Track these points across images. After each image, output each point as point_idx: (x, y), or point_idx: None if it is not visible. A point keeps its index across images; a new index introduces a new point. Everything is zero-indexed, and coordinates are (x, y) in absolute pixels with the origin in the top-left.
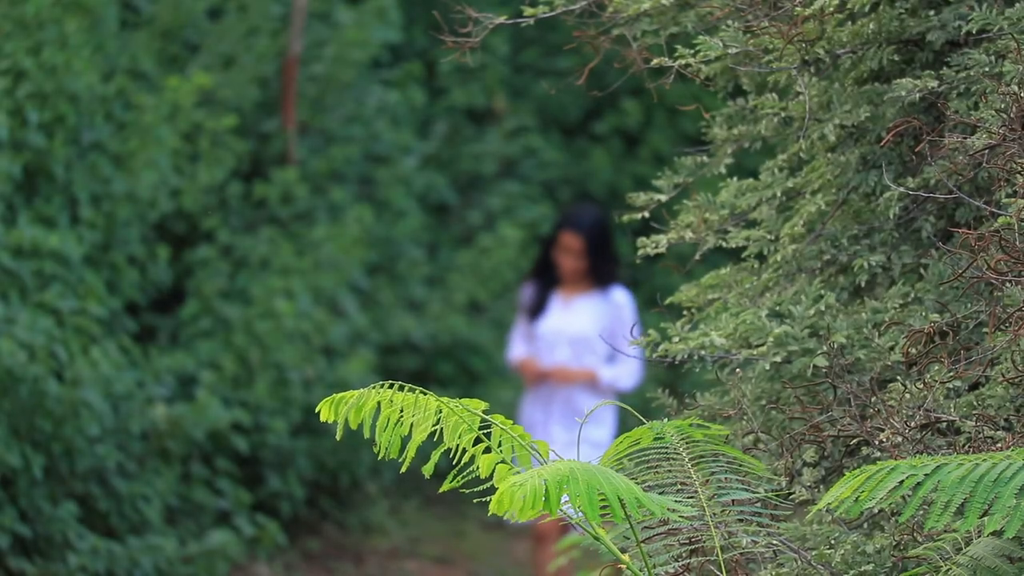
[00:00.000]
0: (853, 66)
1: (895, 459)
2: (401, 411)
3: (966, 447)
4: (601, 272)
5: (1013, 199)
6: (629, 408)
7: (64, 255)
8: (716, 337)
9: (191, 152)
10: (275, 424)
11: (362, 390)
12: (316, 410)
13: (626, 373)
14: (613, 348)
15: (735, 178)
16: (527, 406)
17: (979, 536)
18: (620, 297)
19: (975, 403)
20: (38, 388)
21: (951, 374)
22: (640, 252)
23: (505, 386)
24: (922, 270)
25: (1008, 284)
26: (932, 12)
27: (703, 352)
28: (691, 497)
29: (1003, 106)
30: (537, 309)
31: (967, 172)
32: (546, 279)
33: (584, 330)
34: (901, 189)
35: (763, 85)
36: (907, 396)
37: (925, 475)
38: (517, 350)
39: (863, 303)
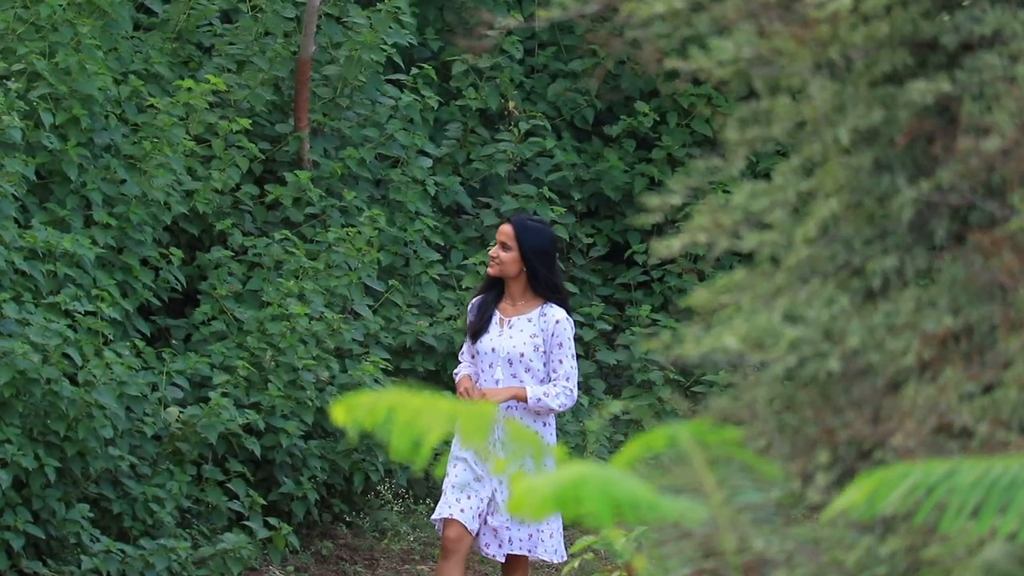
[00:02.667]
0: (866, 69)
1: (908, 462)
2: (414, 414)
3: (979, 450)
4: (540, 284)
5: None
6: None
7: (77, 257)
8: (730, 340)
9: (205, 154)
10: (288, 426)
11: (376, 392)
12: (330, 412)
13: (558, 392)
14: (548, 368)
15: (749, 181)
16: None
17: (993, 539)
18: (556, 316)
19: (988, 406)
20: (52, 390)
21: (964, 377)
22: (654, 255)
23: None
24: (935, 273)
25: (1021, 287)
26: (946, 15)
27: (717, 355)
28: (704, 500)
29: (1017, 109)
30: (479, 326)
31: (980, 175)
32: (492, 296)
33: (519, 349)
34: (914, 192)
35: (776, 88)
36: (920, 399)
37: (939, 478)
38: (462, 368)
39: (876, 306)
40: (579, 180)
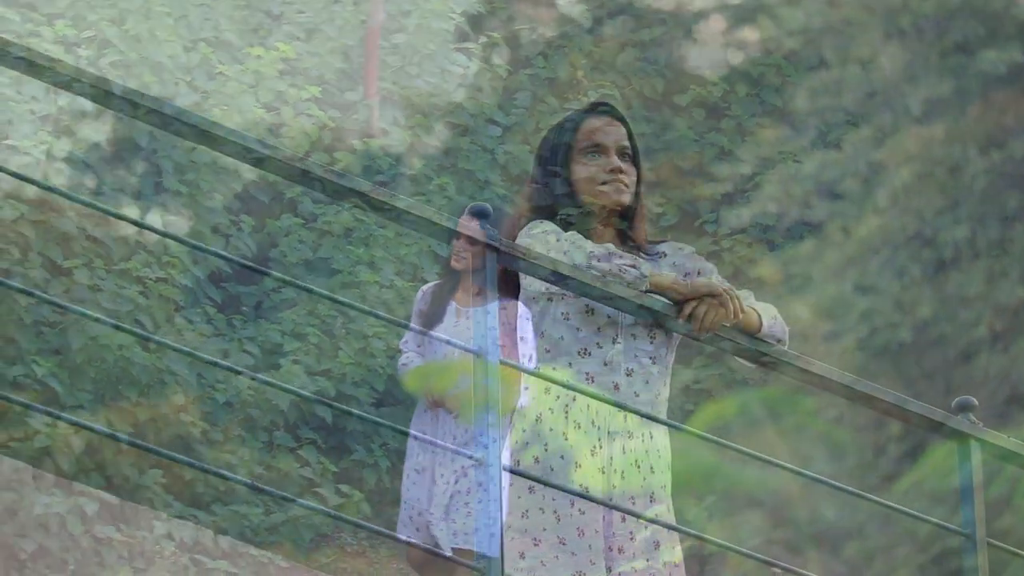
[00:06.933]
0: (937, 38)
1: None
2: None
3: None
4: (503, 274)
5: None
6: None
7: (149, 224)
8: (800, 310)
9: (274, 122)
10: (359, 393)
11: (446, 360)
12: (401, 380)
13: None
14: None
15: (819, 150)
16: (417, 416)
17: None
18: (520, 311)
19: None
20: (124, 356)
21: None
22: (724, 224)
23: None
24: (1007, 244)
25: None
26: None
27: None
28: (776, 470)
29: None
30: (434, 316)
31: None
32: (449, 285)
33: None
34: (986, 163)
35: (847, 58)
36: (992, 370)
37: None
38: (411, 359)
39: (948, 277)
40: (649, 149)
